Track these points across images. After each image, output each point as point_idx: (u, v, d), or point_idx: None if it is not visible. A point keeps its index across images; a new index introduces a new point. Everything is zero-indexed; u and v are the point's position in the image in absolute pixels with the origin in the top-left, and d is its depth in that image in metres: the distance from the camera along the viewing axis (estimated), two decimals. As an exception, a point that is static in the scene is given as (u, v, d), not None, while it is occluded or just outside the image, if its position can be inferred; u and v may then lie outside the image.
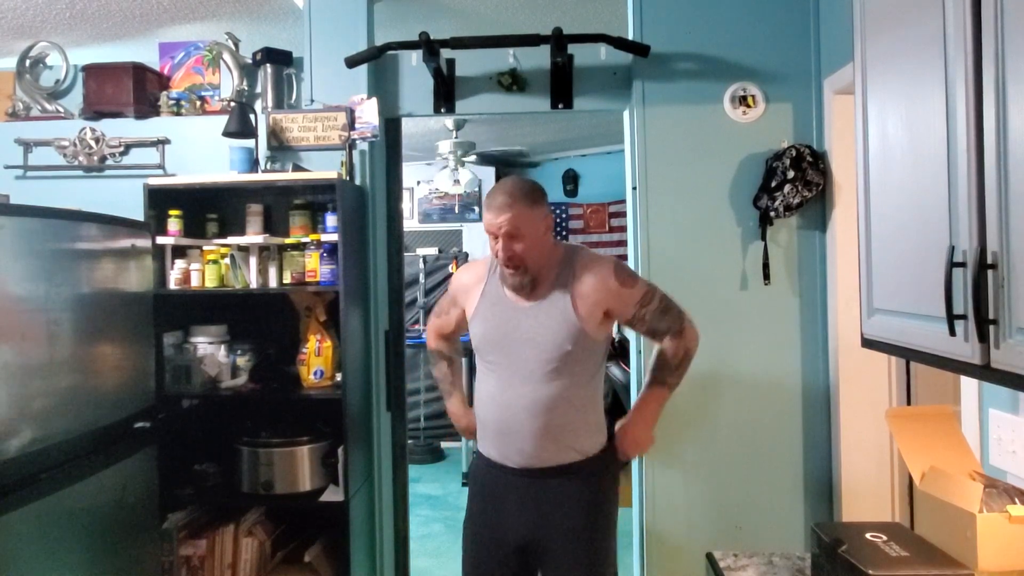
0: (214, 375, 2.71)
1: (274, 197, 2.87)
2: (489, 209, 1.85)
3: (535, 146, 6.55)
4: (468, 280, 2.06)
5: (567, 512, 1.89)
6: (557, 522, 1.89)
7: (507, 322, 1.91)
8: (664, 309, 1.95)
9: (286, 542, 2.83)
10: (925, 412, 1.59)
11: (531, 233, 1.84)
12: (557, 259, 1.93)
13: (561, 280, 1.90)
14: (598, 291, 1.88)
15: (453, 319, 2.13)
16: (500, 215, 1.82)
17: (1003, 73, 1.03)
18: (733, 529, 2.71)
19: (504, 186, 1.88)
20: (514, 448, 1.90)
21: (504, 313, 1.93)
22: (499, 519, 1.95)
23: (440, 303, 2.19)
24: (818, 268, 2.69)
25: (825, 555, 1.39)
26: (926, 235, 1.23)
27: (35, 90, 3.10)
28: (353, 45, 2.79)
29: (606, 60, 2.81)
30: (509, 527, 1.93)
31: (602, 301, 1.89)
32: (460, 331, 2.17)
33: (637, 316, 1.93)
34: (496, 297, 1.95)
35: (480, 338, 1.96)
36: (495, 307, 1.95)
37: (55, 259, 1.97)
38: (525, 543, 1.93)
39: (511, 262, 1.85)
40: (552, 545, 1.90)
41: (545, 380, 1.86)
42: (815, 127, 2.69)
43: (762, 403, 2.71)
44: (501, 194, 1.85)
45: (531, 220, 1.84)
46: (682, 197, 2.73)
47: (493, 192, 1.88)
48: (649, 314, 1.93)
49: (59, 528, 1.92)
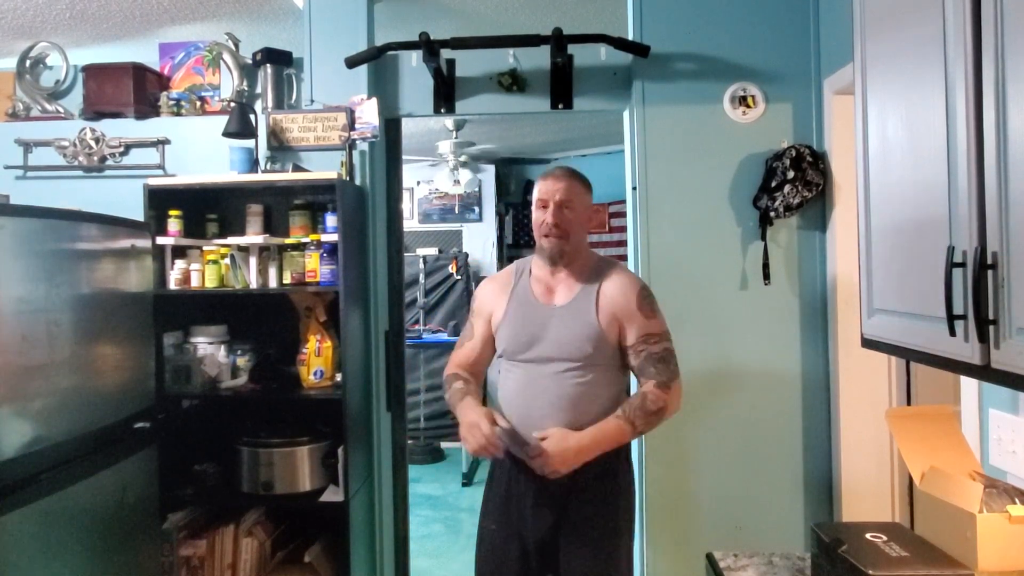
0: (214, 375, 2.71)
1: (274, 197, 2.87)
2: (545, 179, 1.99)
3: (535, 146, 6.55)
4: (494, 288, 2.10)
5: (586, 507, 1.91)
6: (577, 515, 1.91)
7: (534, 322, 1.97)
8: (662, 358, 1.93)
9: (286, 542, 2.84)
10: (925, 412, 1.59)
11: (579, 209, 1.98)
12: (591, 263, 2.02)
13: (589, 285, 1.97)
14: (618, 305, 1.94)
15: (479, 340, 2.08)
16: (557, 183, 1.97)
17: (1003, 73, 1.03)
18: (733, 529, 2.71)
19: (560, 167, 2.04)
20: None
21: (532, 312, 1.98)
22: (519, 514, 1.96)
23: (462, 333, 2.16)
24: (818, 268, 2.69)
25: (825, 555, 1.39)
26: (926, 235, 1.23)
27: (35, 90, 3.10)
28: (353, 45, 2.80)
29: (606, 60, 2.81)
30: (529, 522, 1.94)
31: (619, 316, 1.94)
32: (485, 359, 2.11)
33: (636, 348, 1.94)
34: (524, 298, 2.01)
35: (510, 339, 1.99)
36: (523, 307, 2.00)
37: (55, 259, 1.97)
38: (545, 538, 1.94)
39: (557, 228, 1.94)
40: (572, 538, 1.92)
41: (569, 378, 1.91)
42: (815, 127, 2.69)
43: (762, 403, 2.71)
44: (559, 169, 2.02)
45: (582, 198, 2.00)
46: (682, 197, 2.74)
47: (549, 170, 2.02)
48: (646, 353, 1.93)
49: (59, 528, 1.92)
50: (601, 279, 1.98)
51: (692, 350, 2.67)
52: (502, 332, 2.02)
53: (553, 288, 2.00)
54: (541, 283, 2.02)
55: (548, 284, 2.01)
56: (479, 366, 2.12)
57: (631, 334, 1.94)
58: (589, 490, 1.92)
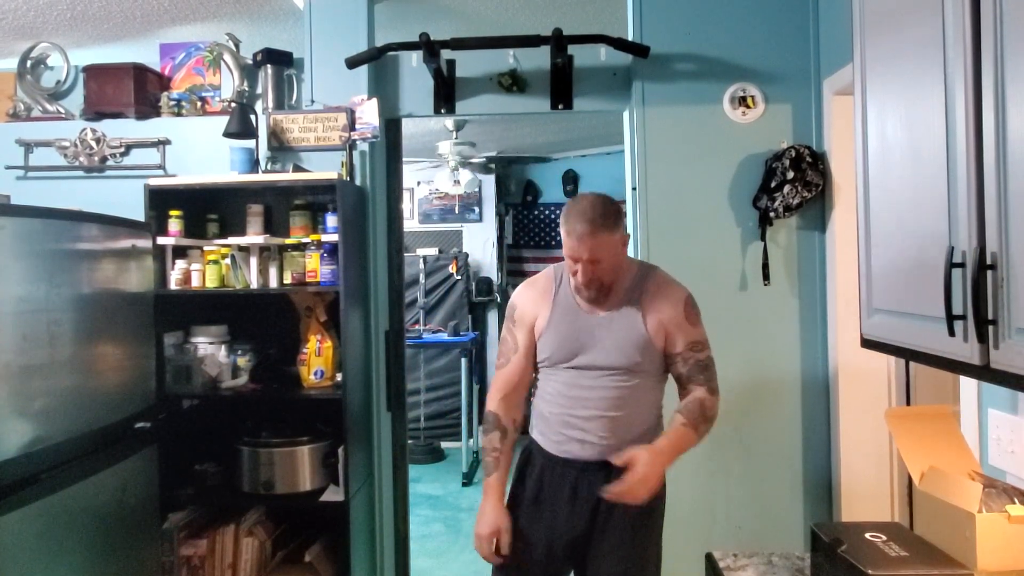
0: (215, 375, 2.71)
1: (274, 197, 2.87)
2: (570, 236, 1.83)
3: (535, 146, 6.55)
4: (533, 295, 2.02)
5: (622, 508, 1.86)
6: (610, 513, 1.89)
7: (582, 330, 1.93)
8: (707, 365, 1.95)
9: (286, 542, 2.84)
10: (924, 412, 1.60)
11: (612, 255, 1.85)
12: (632, 274, 1.97)
13: (634, 295, 1.94)
14: (665, 314, 1.92)
15: (523, 353, 1.99)
16: (582, 243, 1.81)
17: (1002, 74, 1.03)
18: (733, 529, 2.71)
19: (584, 211, 1.82)
20: (575, 440, 1.92)
21: (578, 321, 1.94)
22: (552, 514, 1.95)
23: (501, 347, 2.05)
24: (818, 268, 2.69)
25: (825, 555, 1.40)
26: (925, 235, 1.23)
27: (36, 91, 3.10)
28: (353, 46, 2.80)
29: (606, 61, 2.81)
30: (561, 519, 1.93)
31: (665, 323, 1.92)
32: (529, 373, 2.03)
33: (683, 355, 1.93)
34: (568, 306, 1.96)
35: (556, 347, 1.94)
36: (567, 315, 1.95)
37: (56, 259, 1.97)
38: (574, 538, 1.93)
39: (591, 284, 1.87)
40: (605, 536, 1.91)
41: (615, 384, 1.90)
42: (815, 128, 2.69)
43: (762, 403, 2.71)
44: (581, 221, 1.81)
45: (612, 244, 1.85)
46: (682, 197, 2.74)
47: (573, 216, 1.83)
48: (694, 360, 1.93)
49: (59, 528, 1.92)
50: (645, 286, 1.95)
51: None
52: (546, 340, 1.96)
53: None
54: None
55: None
56: (524, 383, 2.04)
57: (678, 342, 1.93)
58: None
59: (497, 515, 1.94)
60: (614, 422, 1.89)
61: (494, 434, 1.99)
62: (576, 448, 1.92)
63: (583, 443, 1.91)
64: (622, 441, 1.89)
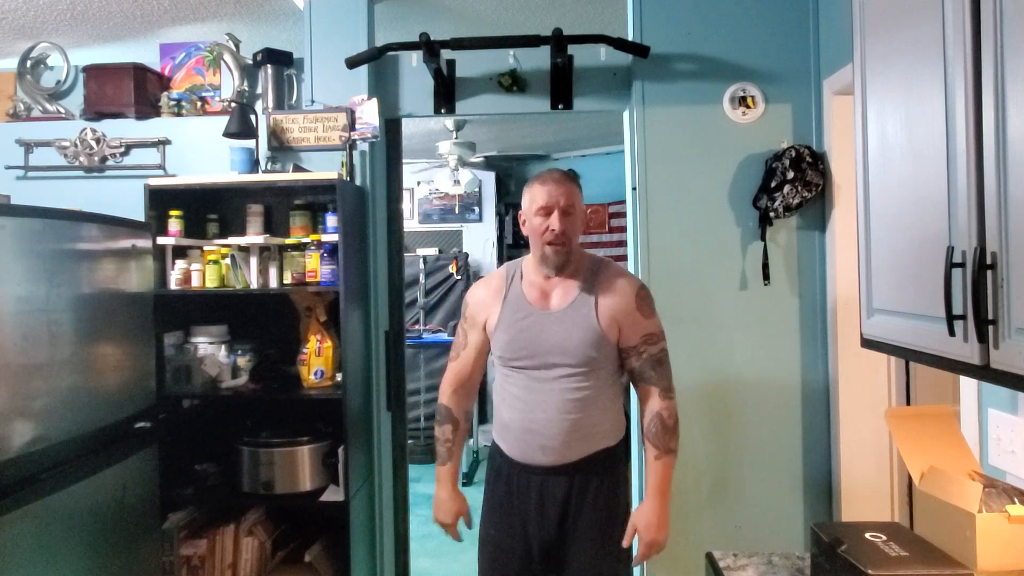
0: (214, 375, 2.71)
1: (274, 197, 2.87)
2: (544, 184, 1.92)
3: (535, 146, 6.55)
4: (485, 294, 2.04)
5: (589, 503, 1.91)
6: (579, 514, 1.91)
7: (532, 328, 1.93)
8: (660, 360, 1.96)
9: (286, 542, 2.84)
10: (924, 412, 1.59)
11: (579, 213, 1.94)
12: (585, 264, 1.98)
13: (586, 288, 1.94)
14: (618, 306, 1.92)
15: (472, 350, 2.05)
16: (560, 187, 1.91)
17: (1002, 74, 1.03)
18: (733, 529, 2.71)
19: (551, 171, 1.97)
20: (537, 446, 1.92)
21: (529, 319, 1.94)
22: (522, 517, 1.95)
23: (454, 342, 2.11)
24: (818, 268, 2.69)
25: (825, 555, 1.39)
26: (925, 235, 1.23)
27: (36, 91, 3.10)
28: (353, 46, 2.80)
29: (606, 61, 2.81)
30: (532, 524, 1.94)
31: (619, 317, 1.92)
32: (480, 368, 2.09)
33: (637, 348, 1.94)
34: (519, 304, 1.97)
35: (506, 345, 1.95)
36: (518, 313, 1.96)
37: (56, 259, 1.97)
38: (549, 538, 1.94)
39: (562, 237, 1.90)
40: (576, 537, 1.92)
41: (571, 382, 1.89)
42: (815, 128, 2.69)
43: (761, 403, 2.71)
44: (555, 173, 1.95)
45: (580, 201, 1.96)
46: (682, 197, 2.74)
47: (542, 175, 1.95)
48: (647, 354, 1.94)
49: (59, 528, 1.92)
50: (597, 280, 1.95)
51: (692, 350, 2.67)
52: (498, 338, 1.98)
53: (548, 292, 1.96)
54: (535, 287, 1.97)
55: (543, 288, 1.96)
56: (475, 378, 2.10)
57: (631, 335, 1.93)
58: (591, 488, 1.92)
59: (456, 501, 2.05)
60: (575, 425, 1.89)
61: (447, 426, 2.08)
62: (539, 455, 1.92)
63: (544, 448, 1.91)
64: (585, 443, 1.91)
